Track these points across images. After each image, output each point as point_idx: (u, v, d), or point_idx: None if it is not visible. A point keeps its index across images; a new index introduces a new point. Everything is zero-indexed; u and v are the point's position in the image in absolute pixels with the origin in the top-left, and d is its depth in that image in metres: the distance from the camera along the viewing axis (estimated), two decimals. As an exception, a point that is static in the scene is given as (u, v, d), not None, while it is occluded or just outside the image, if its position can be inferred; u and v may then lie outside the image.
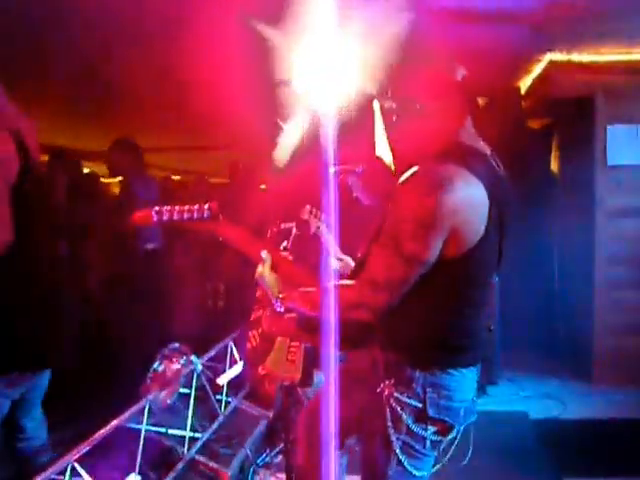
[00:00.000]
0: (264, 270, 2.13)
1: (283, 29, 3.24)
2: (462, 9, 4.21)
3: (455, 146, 1.88)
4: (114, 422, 2.52)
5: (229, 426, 3.76)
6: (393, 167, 2.42)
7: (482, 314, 2.00)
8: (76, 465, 2.38)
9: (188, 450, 3.18)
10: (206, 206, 2.07)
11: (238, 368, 4.20)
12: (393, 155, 2.15)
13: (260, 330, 2.89)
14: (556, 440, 4.08)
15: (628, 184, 5.15)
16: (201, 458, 3.22)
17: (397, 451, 1.90)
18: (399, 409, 1.89)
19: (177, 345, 3.45)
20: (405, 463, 1.91)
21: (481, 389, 2.08)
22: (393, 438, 1.89)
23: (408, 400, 1.89)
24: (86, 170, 6.62)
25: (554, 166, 6.27)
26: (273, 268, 2.14)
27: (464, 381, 1.94)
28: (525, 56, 5.30)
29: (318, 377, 3.55)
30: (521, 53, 5.17)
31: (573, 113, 5.49)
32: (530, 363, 5.41)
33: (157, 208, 2.07)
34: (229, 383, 4.04)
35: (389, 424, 1.89)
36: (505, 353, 4.99)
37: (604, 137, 5.13)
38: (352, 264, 2.48)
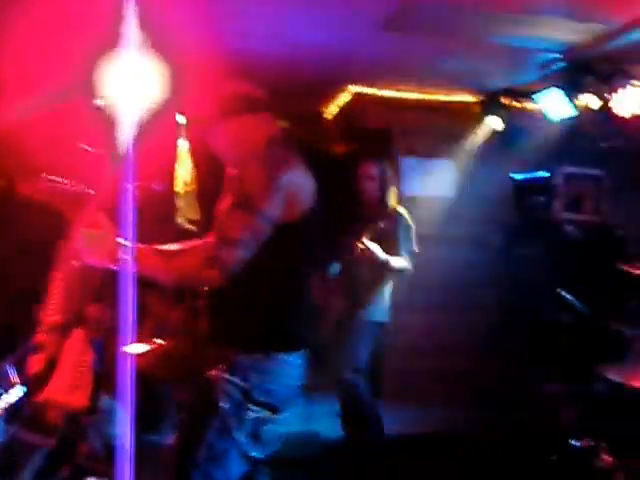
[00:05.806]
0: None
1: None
2: (268, 35, 4.23)
3: (277, 140, 2.27)
4: None
5: (7, 456, 3.42)
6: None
7: (304, 305, 2.23)
8: None
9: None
10: None
11: (17, 392, 3.84)
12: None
13: (44, 354, 2.70)
14: (347, 457, 4.17)
15: (416, 214, 5.50)
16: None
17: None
18: (228, 388, 2.06)
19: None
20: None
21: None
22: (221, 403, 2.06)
23: (236, 381, 2.06)
24: None
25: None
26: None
27: (287, 366, 2.13)
28: (330, 84, 5.49)
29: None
30: (326, 81, 5.34)
31: (374, 142, 5.77)
32: (321, 382, 5.49)
33: None
34: (5, 409, 3.69)
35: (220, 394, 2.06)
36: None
37: (399, 168, 5.44)
38: None
